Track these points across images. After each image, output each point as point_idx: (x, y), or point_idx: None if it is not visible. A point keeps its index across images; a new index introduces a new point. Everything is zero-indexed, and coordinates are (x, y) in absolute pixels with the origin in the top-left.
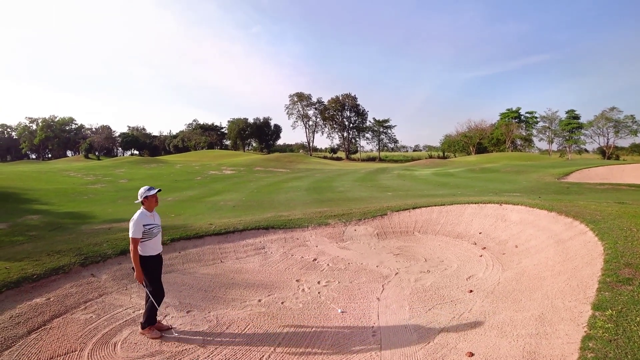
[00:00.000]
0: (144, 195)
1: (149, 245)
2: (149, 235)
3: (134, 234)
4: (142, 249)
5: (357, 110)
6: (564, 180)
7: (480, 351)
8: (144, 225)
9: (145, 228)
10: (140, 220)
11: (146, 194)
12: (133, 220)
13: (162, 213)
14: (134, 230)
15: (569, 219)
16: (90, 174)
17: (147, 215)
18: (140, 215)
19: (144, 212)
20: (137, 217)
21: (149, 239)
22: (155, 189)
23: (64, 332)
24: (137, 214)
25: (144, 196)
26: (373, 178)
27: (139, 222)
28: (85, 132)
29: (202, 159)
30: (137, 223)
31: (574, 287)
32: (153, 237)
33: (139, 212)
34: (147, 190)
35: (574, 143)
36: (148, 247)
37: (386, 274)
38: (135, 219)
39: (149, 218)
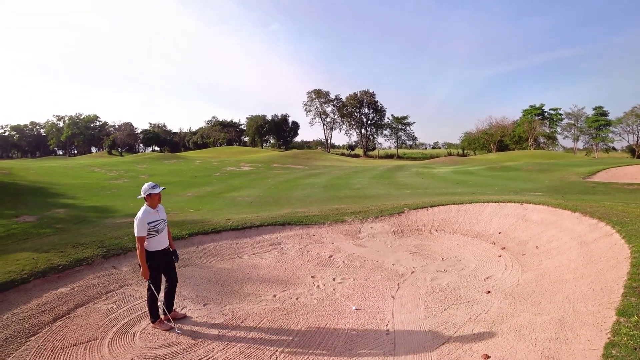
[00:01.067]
0: (148, 192)
1: (154, 241)
2: (154, 232)
3: (139, 232)
4: (149, 245)
5: (376, 107)
6: (589, 179)
7: (496, 354)
8: (149, 223)
9: (150, 225)
10: (144, 219)
11: (150, 191)
12: (137, 219)
13: (181, 208)
14: (139, 229)
15: (594, 220)
16: (113, 170)
17: (151, 212)
18: (144, 213)
19: (148, 209)
20: (141, 215)
21: (154, 236)
22: (159, 187)
23: (86, 321)
24: (141, 212)
25: (147, 193)
26: (391, 175)
27: (143, 220)
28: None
29: (221, 155)
30: (141, 222)
31: (598, 291)
32: (158, 233)
33: (143, 210)
34: (151, 188)
35: (601, 141)
36: (154, 242)
37: (402, 273)
38: (140, 217)
39: (152, 215)
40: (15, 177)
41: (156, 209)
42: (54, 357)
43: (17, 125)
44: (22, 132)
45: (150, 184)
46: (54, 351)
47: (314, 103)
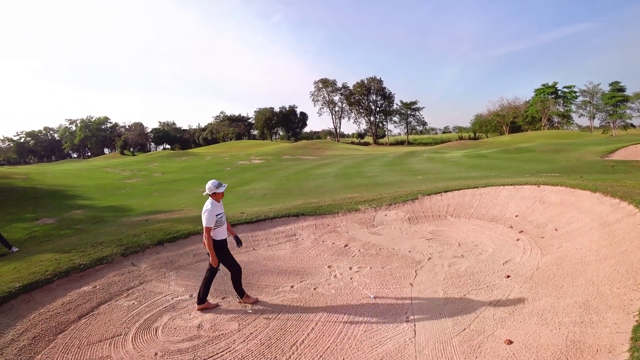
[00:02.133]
0: (213, 191)
1: (219, 231)
2: (219, 223)
3: (208, 223)
4: (215, 235)
5: (384, 94)
6: (608, 158)
7: (519, 339)
8: (216, 215)
9: (217, 217)
10: (213, 211)
11: (215, 190)
12: (207, 211)
13: (194, 204)
14: (208, 221)
15: (616, 200)
16: (126, 170)
17: (217, 205)
18: (212, 206)
19: (214, 202)
20: (210, 208)
21: (219, 226)
22: (224, 185)
23: (109, 318)
24: (209, 205)
25: (213, 192)
26: (402, 162)
27: (212, 212)
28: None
29: (231, 149)
30: (210, 214)
31: (623, 273)
32: (222, 224)
33: (210, 203)
34: (216, 187)
35: (618, 118)
36: (219, 232)
37: (419, 259)
38: (209, 210)
39: (218, 208)
40: (33, 182)
41: (220, 202)
42: (80, 354)
43: (31, 132)
44: (37, 138)
45: (215, 183)
46: (81, 347)
47: (321, 93)
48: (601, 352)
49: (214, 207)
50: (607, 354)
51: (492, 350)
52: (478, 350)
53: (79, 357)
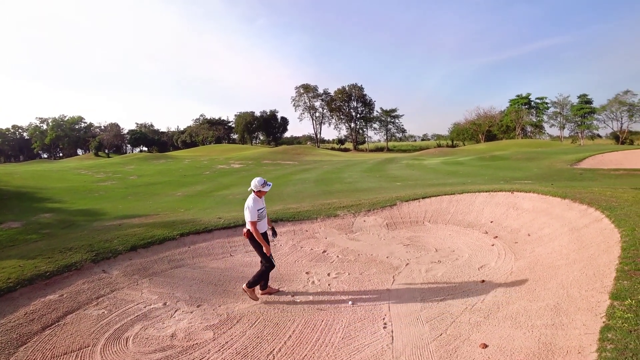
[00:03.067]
0: (259, 189)
1: (260, 224)
2: (260, 218)
3: (251, 217)
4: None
5: (364, 101)
6: (576, 166)
7: (494, 342)
8: (258, 210)
9: (258, 212)
10: (255, 206)
11: (260, 188)
12: (249, 207)
13: (171, 208)
14: (252, 215)
15: (584, 206)
16: (100, 172)
17: (258, 201)
18: (254, 201)
19: (256, 198)
20: (252, 203)
21: (260, 220)
22: (269, 184)
23: (77, 328)
24: (251, 201)
25: (258, 190)
26: (381, 168)
27: (254, 207)
28: (94, 130)
29: (210, 153)
30: (253, 209)
31: (590, 276)
32: (263, 218)
33: (252, 199)
34: (262, 186)
35: (586, 128)
36: (260, 226)
37: (397, 265)
38: (251, 205)
39: (260, 203)
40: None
41: (262, 198)
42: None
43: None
44: (5, 136)
45: (261, 181)
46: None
47: (302, 98)
48: (571, 353)
49: (256, 202)
50: (577, 355)
51: (468, 355)
52: (454, 355)
53: None
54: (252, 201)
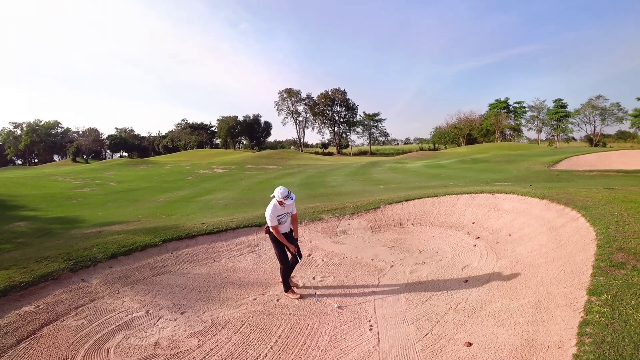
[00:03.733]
0: (279, 199)
1: (280, 228)
2: (280, 222)
3: (271, 223)
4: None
5: (347, 105)
6: (553, 168)
7: (478, 340)
8: (277, 216)
9: (278, 218)
10: (274, 213)
11: (281, 198)
12: (268, 214)
13: (153, 214)
14: (271, 221)
15: (561, 206)
16: (78, 178)
17: (279, 208)
18: (274, 209)
19: (277, 205)
20: (271, 210)
21: (280, 225)
22: (292, 197)
23: (54, 340)
24: (271, 208)
25: (278, 200)
26: (365, 172)
27: (273, 214)
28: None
29: (193, 158)
30: (272, 215)
31: (569, 273)
32: (282, 223)
33: (272, 206)
34: (284, 198)
35: (562, 132)
36: (280, 229)
37: (381, 267)
38: (270, 212)
39: (279, 210)
40: None
41: (283, 206)
42: None
43: None
44: None
45: (284, 193)
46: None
47: (286, 102)
48: (552, 348)
49: (275, 210)
50: (557, 350)
51: (453, 354)
52: (440, 354)
53: None
54: (272, 209)
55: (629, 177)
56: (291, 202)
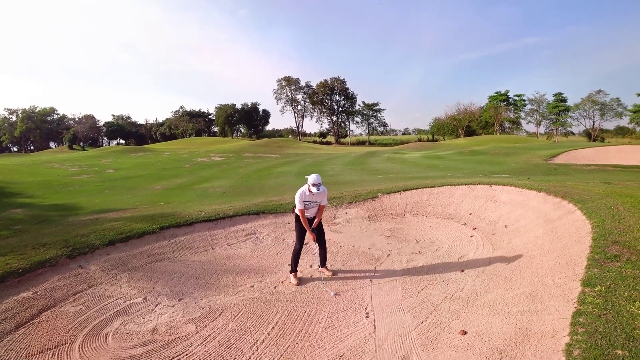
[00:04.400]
0: (308, 184)
1: (307, 212)
2: (306, 208)
3: (298, 206)
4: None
5: (346, 94)
6: (551, 161)
7: (473, 329)
8: (304, 202)
9: (305, 204)
10: (301, 198)
11: (309, 184)
12: (297, 197)
13: (150, 202)
14: (298, 204)
15: (558, 199)
16: (75, 165)
17: (307, 194)
18: (302, 193)
19: (306, 191)
20: (299, 194)
21: (307, 210)
22: (320, 189)
23: (53, 326)
24: (299, 193)
25: (308, 185)
26: (363, 162)
27: (300, 198)
28: (68, 122)
29: (190, 146)
30: (299, 199)
31: (563, 265)
32: (308, 209)
33: (301, 191)
34: (312, 185)
35: (560, 126)
36: (306, 212)
37: (378, 256)
38: (298, 195)
39: (307, 196)
40: None
41: (311, 194)
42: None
43: None
44: None
45: (316, 180)
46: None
47: (284, 91)
48: (545, 337)
49: (303, 195)
50: (551, 339)
51: (448, 341)
52: (435, 342)
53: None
54: (300, 193)
55: (626, 172)
56: (320, 192)
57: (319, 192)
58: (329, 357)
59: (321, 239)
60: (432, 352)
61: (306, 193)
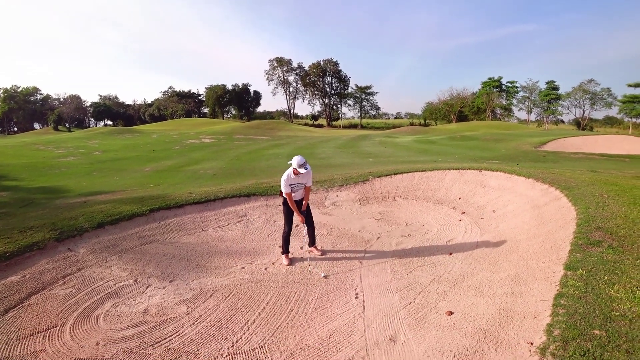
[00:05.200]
0: (293, 167)
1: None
2: (293, 191)
3: (284, 190)
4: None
5: (339, 76)
6: (540, 149)
7: (459, 310)
8: (290, 185)
9: (291, 187)
10: (287, 181)
11: (295, 167)
12: (282, 181)
13: (140, 184)
14: (284, 189)
15: (545, 186)
16: (61, 147)
17: (292, 177)
18: (287, 177)
19: (291, 174)
20: (285, 178)
21: (293, 192)
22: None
23: (43, 309)
24: (285, 176)
25: (293, 168)
26: (355, 145)
27: (286, 182)
28: (52, 102)
29: (180, 127)
30: (285, 184)
31: (548, 249)
32: (295, 192)
33: (287, 175)
34: (298, 166)
35: (551, 114)
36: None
37: (368, 238)
38: (283, 180)
39: (292, 179)
40: None
41: (297, 176)
42: (9, 350)
43: None
44: None
45: (300, 161)
46: (9, 344)
47: (276, 72)
48: (528, 318)
49: (288, 179)
50: (533, 319)
51: (435, 321)
52: (422, 321)
53: (8, 355)
54: (285, 176)
55: (612, 161)
56: (305, 172)
57: (305, 173)
58: (319, 336)
59: (309, 219)
60: (419, 331)
61: (291, 176)
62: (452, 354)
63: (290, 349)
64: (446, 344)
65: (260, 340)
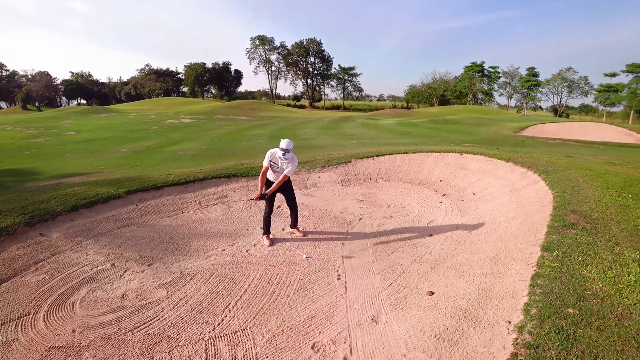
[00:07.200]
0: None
1: (269, 174)
2: (271, 168)
3: (265, 162)
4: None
5: (322, 57)
6: (519, 134)
7: (439, 290)
8: (271, 161)
9: (271, 163)
10: (269, 156)
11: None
12: (267, 153)
13: (116, 165)
14: (265, 161)
15: (524, 169)
16: (30, 127)
17: (276, 156)
18: (272, 153)
19: (276, 153)
20: (269, 152)
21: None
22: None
23: (14, 297)
24: (271, 150)
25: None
26: (337, 126)
27: (268, 157)
28: (19, 79)
29: (158, 107)
30: (267, 157)
31: (526, 231)
32: (274, 172)
33: (273, 150)
34: (280, 150)
35: (530, 100)
36: (269, 175)
37: (350, 220)
38: (269, 152)
39: (275, 159)
40: None
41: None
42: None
43: None
44: None
45: (286, 146)
46: None
47: (258, 50)
48: (506, 298)
49: (272, 155)
50: (511, 299)
51: (416, 301)
52: (404, 302)
53: None
54: (272, 151)
55: (587, 147)
56: (287, 158)
57: (286, 159)
58: (302, 318)
59: (292, 202)
60: (401, 311)
61: (276, 155)
62: (433, 333)
63: (273, 331)
64: (427, 324)
65: (242, 323)
